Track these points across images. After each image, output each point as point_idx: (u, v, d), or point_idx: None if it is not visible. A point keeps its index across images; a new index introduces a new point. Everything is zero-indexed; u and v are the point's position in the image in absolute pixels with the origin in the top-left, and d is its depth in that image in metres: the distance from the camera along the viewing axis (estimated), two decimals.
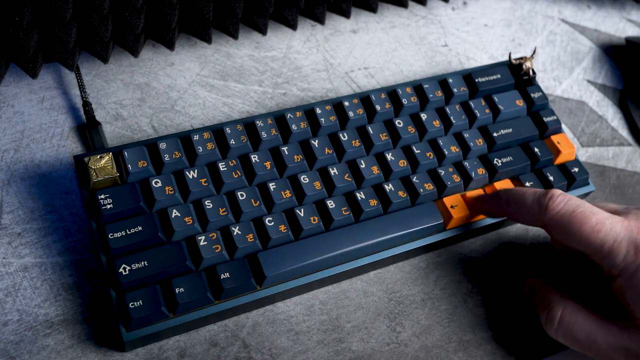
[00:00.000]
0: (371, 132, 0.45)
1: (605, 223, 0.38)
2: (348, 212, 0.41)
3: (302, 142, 0.44)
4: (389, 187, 0.43)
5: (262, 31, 0.52)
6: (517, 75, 0.50)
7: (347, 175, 0.43)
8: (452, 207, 0.43)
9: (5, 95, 0.45)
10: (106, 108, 0.46)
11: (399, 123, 0.46)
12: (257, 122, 0.43)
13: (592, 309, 0.39)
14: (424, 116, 0.46)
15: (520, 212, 0.41)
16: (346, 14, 0.56)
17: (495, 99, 0.48)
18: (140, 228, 0.38)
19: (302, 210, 0.41)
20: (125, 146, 0.41)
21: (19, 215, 0.41)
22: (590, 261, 0.41)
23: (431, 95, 0.47)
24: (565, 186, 0.47)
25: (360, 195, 0.42)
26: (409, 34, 0.57)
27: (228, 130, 0.42)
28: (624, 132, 0.55)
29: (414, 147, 0.45)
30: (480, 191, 0.45)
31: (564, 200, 0.39)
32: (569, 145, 0.48)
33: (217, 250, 0.38)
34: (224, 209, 0.40)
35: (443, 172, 0.44)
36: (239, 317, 0.40)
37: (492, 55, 0.57)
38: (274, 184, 0.41)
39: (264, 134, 0.43)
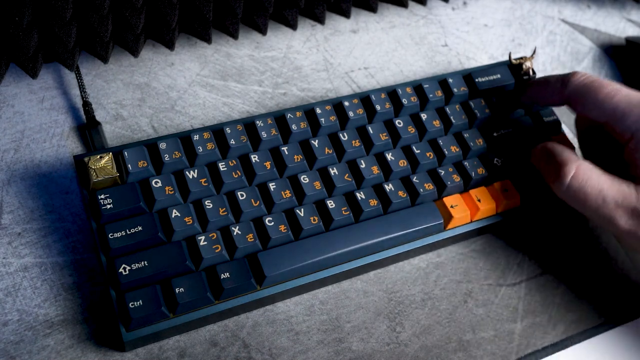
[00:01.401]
0: (371, 132, 0.45)
1: (621, 90, 0.41)
2: (348, 212, 0.41)
3: (302, 142, 0.44)
4: (389, 187, 0.43)
5: (262, 31, 0.52)
6: (517, 75, 0.50)
7: (347, 175, 0.43)
8: (452, 207, 0.43)
9: (5, 95, 0.45)
10: (106, 108, 0.46)
11: (399, 123, 0.46)
12: (257, 122, 0.43)
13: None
14: (424, 116, 0.46)
15: (546, 91, 0.45)
16: (346, 14, 0.56)
17: (495, 99, 0.48)
18: (140, 228, 0.38)
19: (302, 210, 0.41)
20: (125, 146, 0.41)
21: (19, 215, 0.41)
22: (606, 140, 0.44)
23: (431, 95, 0.47)
24: None
25: (360, 195, 0.42)
26: (409, 34, 0.57)
27: (228, 130, 0.42)
28: None
29: (414, 147, 0.45)
30: None
31: (585, 74, 0.43)
32: (569, 145, 0.48)
33: (217, 250, 0.38)
34: (224, 209, 0.40)
35: (443, 172, 0.44)
36: (239, 317, 0.40)
37: (492, 55, 0.57)
38: (274, 184, 0.41)
39: (264, 134, 0.43)
